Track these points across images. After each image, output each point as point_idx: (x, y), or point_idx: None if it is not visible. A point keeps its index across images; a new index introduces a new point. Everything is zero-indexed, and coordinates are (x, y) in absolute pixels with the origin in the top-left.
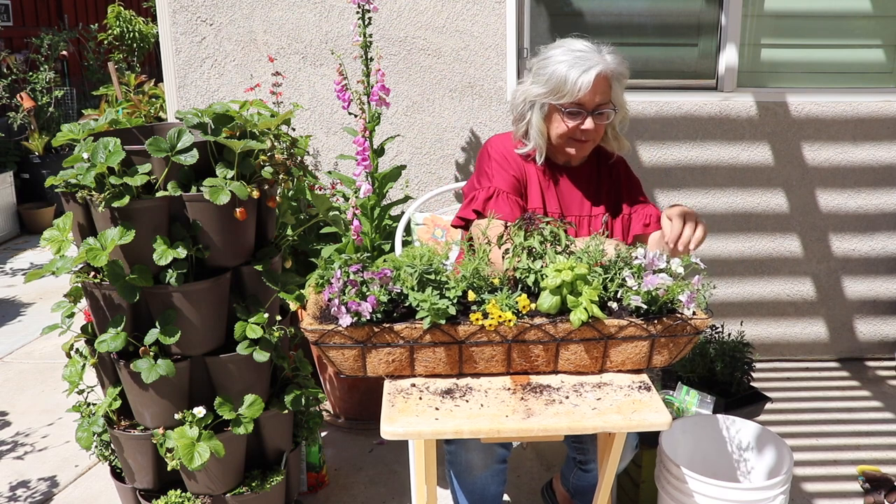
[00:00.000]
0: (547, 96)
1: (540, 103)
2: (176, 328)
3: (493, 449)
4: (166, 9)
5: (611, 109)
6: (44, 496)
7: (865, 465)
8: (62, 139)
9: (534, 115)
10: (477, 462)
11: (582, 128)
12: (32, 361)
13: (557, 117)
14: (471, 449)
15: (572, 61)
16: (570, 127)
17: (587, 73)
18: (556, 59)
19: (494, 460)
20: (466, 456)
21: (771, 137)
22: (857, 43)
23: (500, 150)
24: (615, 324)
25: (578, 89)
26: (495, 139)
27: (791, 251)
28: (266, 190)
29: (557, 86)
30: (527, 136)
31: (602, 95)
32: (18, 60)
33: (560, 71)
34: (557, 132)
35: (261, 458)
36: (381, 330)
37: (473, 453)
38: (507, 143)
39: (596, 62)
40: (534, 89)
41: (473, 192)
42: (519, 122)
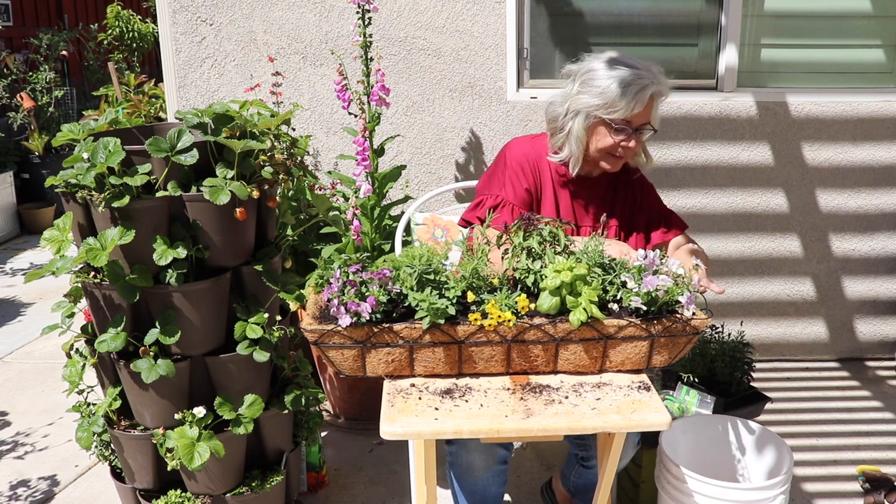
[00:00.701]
0: (598, 109)
1: (586, 114)
2: (176, 328)
3: (494, 450)
4: (166, 9)
5: (651, 128)
6: (44, 496)
7: (865, 465)
8: (62, 139)
9: (576, 124)
10: (478, 463)
11: (624, 144)
12: (32, 361)
13: (603, 131)
14: (472, 450)
15: (630, 78)
16: (615, 142)
17: (643, 92)
18: (612, 73)
19: (495, 461)
20: (467, 457)
21: (771, 137)
22: (857, 43)
23: (517, 158)
24: (615, 324)
25: (633, 107)
26: (516, 145)
27: (791, 251)
28: (266, 190)
29: (612, 100)
30: (564, 145)
31: (647, 115)
32: (18, 60)
33: (616, 86)
34: (599, 146)
35: (261, 458)
36: (380, 330)
37: (475, 454)
38: (526, 149)
39: (650, 81)
40: (584, 99)
41: (483, 195)
42: (557, 131)
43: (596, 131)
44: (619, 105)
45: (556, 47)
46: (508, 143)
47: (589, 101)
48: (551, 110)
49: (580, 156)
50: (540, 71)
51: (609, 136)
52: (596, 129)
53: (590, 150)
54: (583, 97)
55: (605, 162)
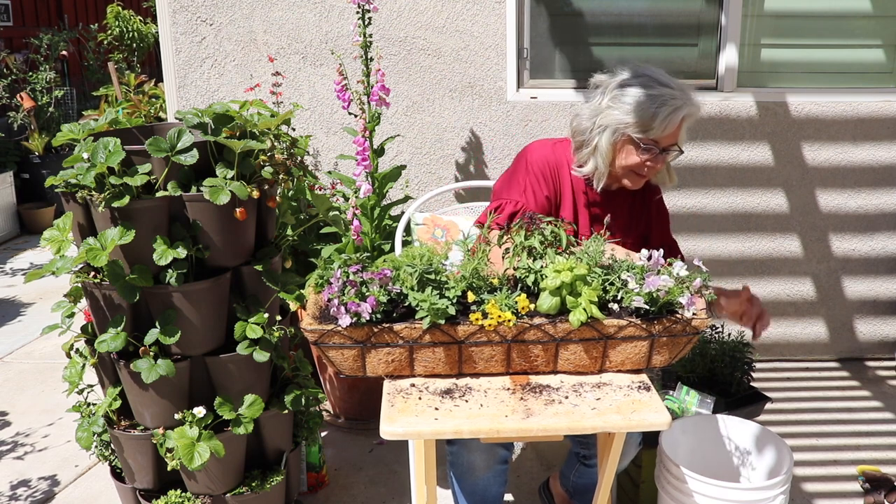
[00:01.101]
0: (627, 126)
1: (614, 129)
2: (176, 328)
3: (494, 450)
4: (166, 9)
5: (677, 150)
6: (44, 496)
7: (865, 465)
8: (62, 139)
9: (603, 139)
10: (479, 463)
11: (650, 164)
12: (32, 361)
13: (630, 148)
14: (473, 450)
15: (663, 97)
16: (641, 161)
17: (675, 113)
18: (645, 91)
19: (496, 461)
20: (468, 457)
21: (771, 137)
22: (857, 43)
23: (539, 162)
24: (614, 324)
25: (664, 128)
26: (538, 148)
27: (791, 251)
28: (266, 190)
29: (643, 120)
30: (589, 159)
31: (676, 136)
32: (18, 60)
33: (649, 105)
34: (625, 163)
35: (261, 458)
36: (380, 330)
37: (475, 454)
38: (547, 154)
39: (683, 102)
40: (614, 114)
41: (502, 200)
42: (584, 145)
43: (623, 148)
44: (651, 125)
45: (556, 47)
46: (531, 146)
47: (619, 118)
48: (577, 123)
49: (605, 171)
50: (540, 71)
51: (635, 155)
52: (623, 146)
53: (615, 166)
54: (613, 113)
55: (628, 179)
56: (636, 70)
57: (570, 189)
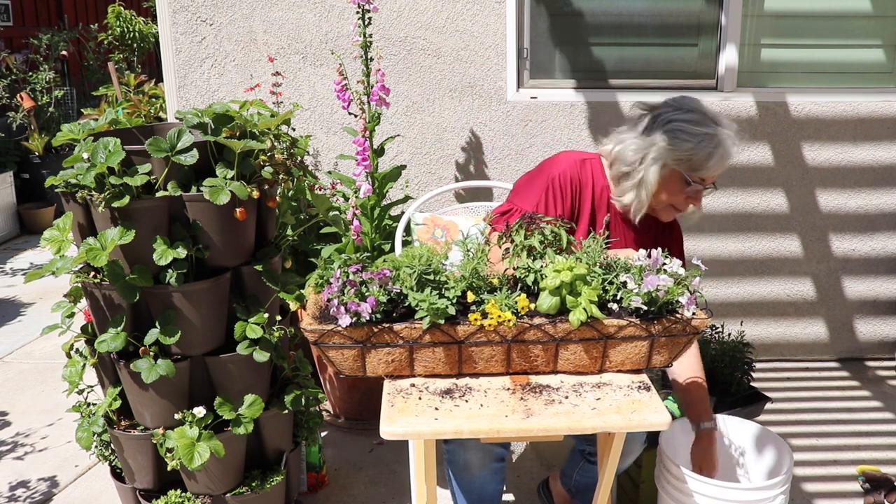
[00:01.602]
0: (680, 163)
1: (664, 163)
2: (176, 328)
3: (490, 448)
4: (166, 9)
5: (713, 187)
6: (44, 496)
7: (865, 465)
8: (62, 139)
9: (650, 172)
10: (475, 461)
11: (692, 201)
12: (32, 361)
13: (677, 184)
14: (469, 448)
15: (719, 138)
16: (685, 197)
17: (725, 159)
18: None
19: (492, 459)
20: (465, 455)
21: (771, 137)
22: (857, 43)
23: (562, 177)
24: (614, 324)
25: (717, 168)
26: (564, 162)
27: (791, 251)
28: (266, 190)
29: (699, 159)
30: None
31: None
32: (18, 60)
33: (706, 146)
34: (667, 197)
35: (261, 458)
36: (380, 330)
37: (471, 452)
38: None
39: (733, 143)
40: (668, 150)
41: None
42: (628, 176)
43: (669, 183)
44: (705, 164)
45: (556, 47)
46: (560, 157)
47: (673, 154)
48: (621, 153)
49: (645, 203)
50: (540, 71)
51: (681, 191)
52: (670, 181)
53: (656, 199)
54: (666, 148)
55: (664, 213)
56: (686, 104)
57: (589, 209)
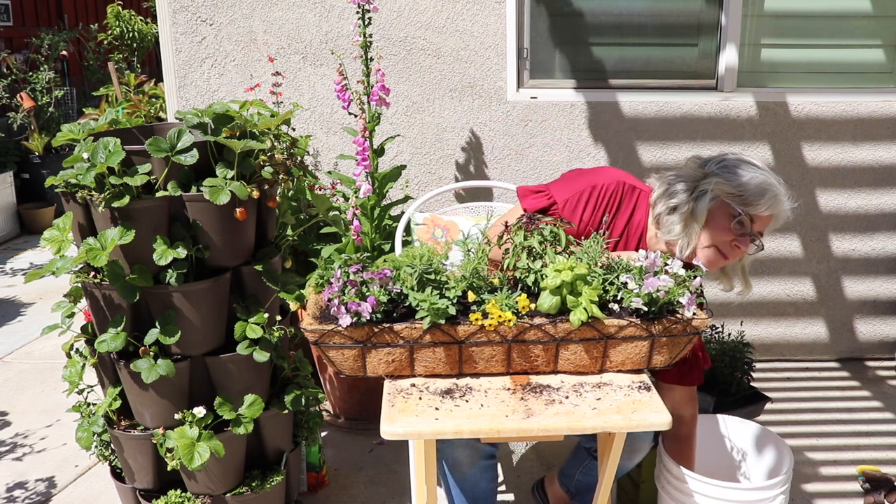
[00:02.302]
0: (731, 196)
1: (715, 194)
2: (176, 328)
3: (477, 446)
4: (166, 9)
5: (759, 244)
6: (43, 496)
7: (865, 465)
8: (62, 139)
9: (701, 203)
10: (463, 459)
11: (737, 243)
12: (32, 361)
13: (724, 219)
14: (456, 446)
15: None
16: (731, 237)
17: (778, 201)
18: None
19: (481, 457)
20: (453, 453)
21: (771, 137)
22: (857, 43)
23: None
24: (615, 324)
25: (766, 208)
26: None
27: (791, 251)
28: (266, 190)
29: (750, 195)
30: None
31: (765, 225)
32: (18, 60)
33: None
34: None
35: (261, 458)
36: (380, 330)
37: (459, 450)
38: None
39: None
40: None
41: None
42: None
43: (717, 216)
44: (756, 201)
45: (556, 47)
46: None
47: (724, 187)
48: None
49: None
50: (540, 71)
51: (727, 227)
52: (718, 214)
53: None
54: (719, 181)
55: (707, 257)
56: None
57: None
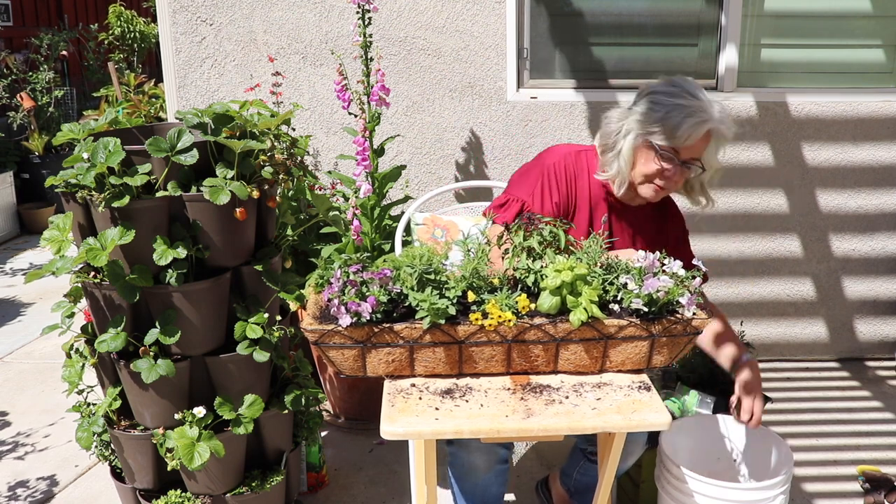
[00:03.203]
0: (650, 133)
1: (636, 133)
2: (176, 328)
3: (494, 450)
4: (166, 9)
5: (698, 166)
6: (44, 496)
7: (865, 465)
8: (62, 139)
9: (626, 142)
10: (479, 464)
11: (667, 174)
12: (32, 361)
13: (650, 155)
14: (472, 451)
15: (691, 108)
16: (658, 169)
17: (699, 126)
18: (674, 100)
19: (496, 461)
20: (468, 458)
21: (771, 137)
22: (857, 43)
23: (555, 167)
24: (615, 324)
25: (685, 139)
26: (558, 153)
27: (791, 251)
28: (266, 190)
29: (667, 128)
30: (612, 163)
31: (698, 151)
32: (18, 60)
33: (675, 115)
34: (643, 170)
35: (261, 458)
36: (380, 330)
37: (475, 455)
38: (569, 161)
39: (709, 117)
40: (639, 120)
41: (510, 196)
42: (608, 149)
43: (643, 154)
44: (672, 133)
45: (556, 47)
46: (554, 148)
47: (644, 123)
48: (606, 127)
49: (626, 176)
50: (540, 71)
51: (654, 162)
52: (644, 151)
53: (634, 172)
54: (640, 118)
55: (645, 188)
56: (671, 80)
57: (587, 199)
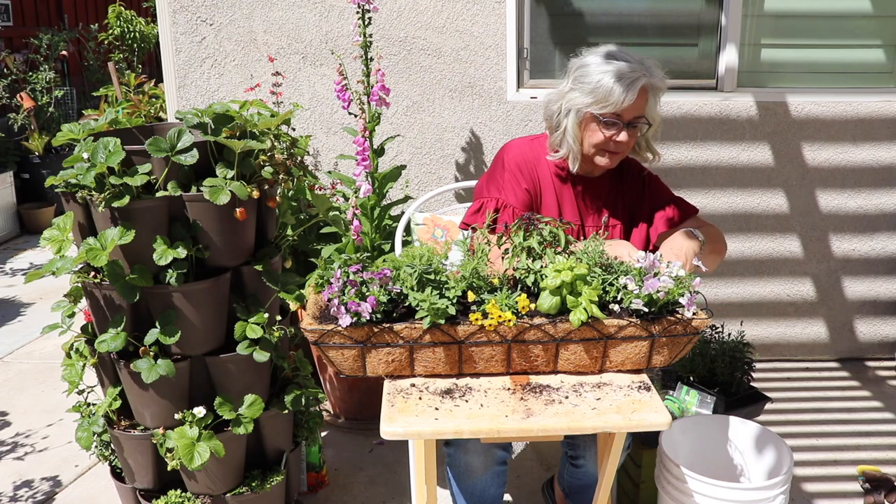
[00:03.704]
0: (588, 105)
1: (576, 110)
2: (176, 328)
3: (492, 451)
4: (166, 9)
5: (645, 123)
6: (45, 496)
7: (865, 465)
8: (62, 139)
9: (569, 121)
10: (477, 465)
11: (616, 139)
12: (32, 361)
13: (594, 126)
14: (470, 451)
15: (618, 72)
16: (606, 137)
17: (633, 85)
18: (601, 68)
19: (494, 462)
20: (466, 459)
21: (771, 137)
22: (857, 43)
23: (515, 159)
24: (615, 324)
25: (622, 101)
26: (513, 146)
27: (791, 251)
28: (266, 190)
29: (601, 95)
30: (561, 142)
31: (640, 108)
32: (18, 60)
33: (606, 81)
34: (592, 141)
35: (261, 458)
36: (380, 330)
37: (473, 456)
38: (524, 151)
39: (641, 74)
40: (574, 97)
41: (482, 199)
42: (554, 129)
43: (588, 127)
44: (610, 100)
45: (556, 47)
46: (506, 145)
47: (580, 98)
48: (547, 108)
49: (577, 152)
50: (540, 71)
51: (600, 132)
52: (588, 124)
53: (584, 146)
54: (574, 94)
55: (600, 158)
56: (598, 50)
57: (550, 182)
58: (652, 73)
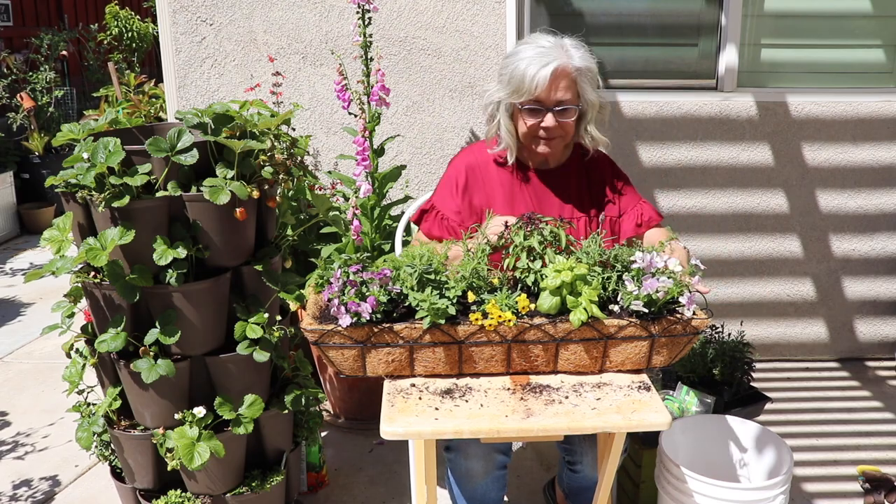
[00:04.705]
0: (509, 95)
1: (505, 103)
2: (176, 328)
3: (493, 456)
4: (166, 9)
5: (574, 106)
6: (45, 496)
7: (865, 465)
8: (62, 139)
9: (501, 115)
10: (477, 469)
11: (542, 125)
12: (32, 361)
13: (521, 115)
14: (471, 456)
15: (531, 58)
16: (531, 125)
17: (544, 69)
18: (518, 56)
19: (495, 467)
20: (466, 463)
21: (771, 137)
22: (857, 43)
23: (455, 171)
24: (615, 324)
25: (535, 86)
26: (460, 157)
27: (791, 251)
28: (266, 190)
29: (517, 85)
30: (498, 135)
31: (563, 91)
32: (18, 60)
33: (519, 69)
34: (523, 130)
35: (261, 458)
36: (380, 330)
37: (473, 461)
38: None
39: (554, 57)
40: (498, 89)
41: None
42: (490, 123)
43: (517, 116)
44: (523, 88)
45: None
46: (457, 155)
47: (501, 90)
48: (484, 106)
49: (514, 144)
50: None
51: (525, 121)
52: (516, 114)
53: (519, 136)
54: (498, 86)
55: (538, 146)
56: (522, 40)
57: (497, 181)
58: (568, 54)
